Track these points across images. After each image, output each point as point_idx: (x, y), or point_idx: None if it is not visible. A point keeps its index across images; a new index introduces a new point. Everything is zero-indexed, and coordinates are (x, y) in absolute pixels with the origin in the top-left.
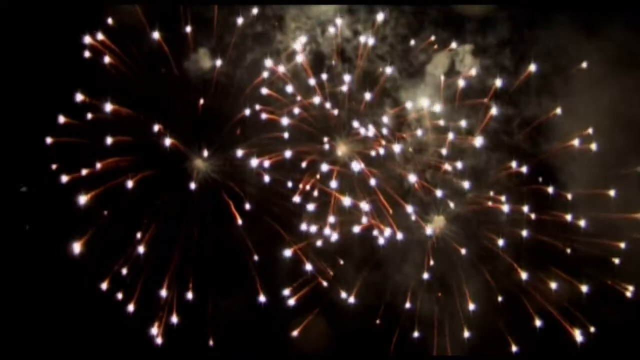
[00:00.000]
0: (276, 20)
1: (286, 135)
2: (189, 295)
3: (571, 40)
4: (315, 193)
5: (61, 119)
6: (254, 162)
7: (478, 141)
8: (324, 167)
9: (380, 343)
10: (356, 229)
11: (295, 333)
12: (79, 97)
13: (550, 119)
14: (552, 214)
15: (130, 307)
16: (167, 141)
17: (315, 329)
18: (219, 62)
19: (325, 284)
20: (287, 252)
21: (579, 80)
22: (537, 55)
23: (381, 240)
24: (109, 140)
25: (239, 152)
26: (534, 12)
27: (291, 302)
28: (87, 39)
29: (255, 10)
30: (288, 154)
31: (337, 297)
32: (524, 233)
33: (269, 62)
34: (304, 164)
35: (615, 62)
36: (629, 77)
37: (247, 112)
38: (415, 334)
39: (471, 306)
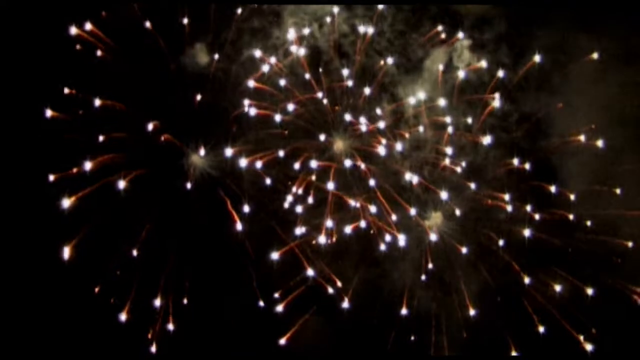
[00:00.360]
0: (273, 15)
1: (283, 131)
2: (185, 298)
3: (571, 35)
4: (311, 198)
5: (48, 113)
6: (250, 160)
7: (486, 140)
8: (314, 164)
9: (377, 342)
10: (357, 229)
11: (292, 333)
12: (68, 90)
13: (551, 115)
14: (553, 211)
15: (124, 311)
16: (162, 137)
17: (312, 328)
18: (215, 57)
19: (331, 290)
20: (285, 254)
21: (580, 76)
22: (538, 50)
23: (382, 247)
24: (100, 137)
25: (234, 150)
26: (533, 10)
27: (279, 308)
28: (75, 30)
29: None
30: (285, 150)
31: (335, 296)
32: (524, 230)
33: (258, 53)
34: (297, 165)
35: (617, 57)
36: (630, 72)
37: (245, 108)
38: (413, 333)
39: (470, 306)
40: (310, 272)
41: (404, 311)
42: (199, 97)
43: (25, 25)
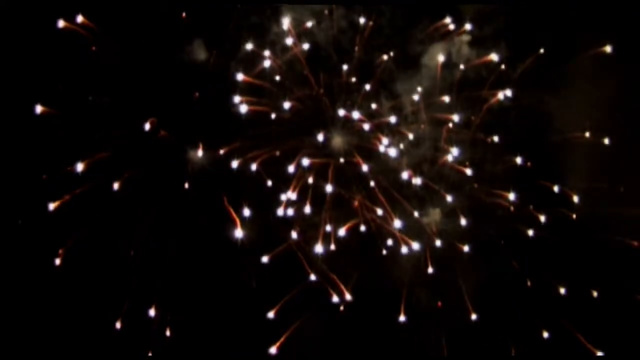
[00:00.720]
0: (272, 11)
1: (281, 128)
2: (182, 302)
3: (576, 29)
4: (308, 207)
5: (38, 109)
6: (247, 158)
7: (485, 136)
8: (310, 162)
9: (375, 345)
10: (356, 230)
11: (287, 338)
12: (59, 85)
13: (553, 111)
14: (555, 209)
15: (119, 317)
16: (159, 135)
17: (308, 332)
18: (214, 53)
19: (328, 292)
20: (284, 256)
21: (584, 71)
22: (541, 44)
23: (384, 251)
24: (94, 135)
25: (232, 148)
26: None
27: (277, 311)
28: (67, 24)
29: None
30: (283, 148)
31: (333, 299)
32: (526, 229)
33: (256, 48)
34: (294, 163)
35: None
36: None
37: (240, 105)
38: (413, 335)
39: (470, 306)
40: (307, 272)
41: (403, 310)
42: (196, 93)
43: (15, 18)
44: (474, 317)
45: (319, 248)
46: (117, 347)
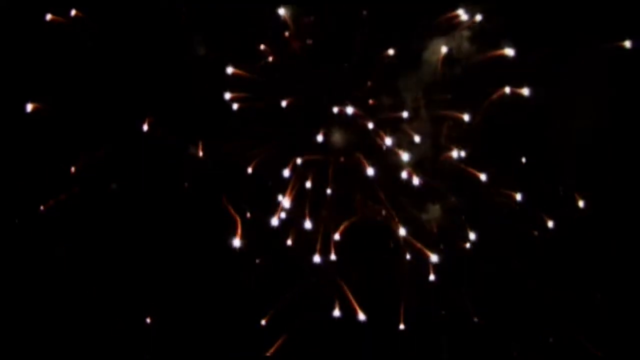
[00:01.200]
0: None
1: (279, 126)
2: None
3: (579, 26)
4: (308, 223)
5: (29, 107)
6: (247, 157)
7: (488, 134)
8: (310, 162)
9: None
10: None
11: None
12: (52, 83)
13: (557, 109)
14: (560, 211)
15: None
16: (157, 134)
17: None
18: (212, 50)
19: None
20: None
21: (592, 68)
22: (543, 41)
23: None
24: (89, 133)
25: (232, 147)
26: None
27: (272, 317)
28: (61, 18)
29: None
30: (280, 147)
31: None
32: (529, 230)
33: (248, 41)
34: (289, 168)
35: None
36: None
37: (238, 103)
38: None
39: (471, 310)
40: (305, 277)
41: (402, 317)
42: (194, 91)
43: (8, 12)
44: (475, 320)
45: (316, 253)
46: (114, 349)
